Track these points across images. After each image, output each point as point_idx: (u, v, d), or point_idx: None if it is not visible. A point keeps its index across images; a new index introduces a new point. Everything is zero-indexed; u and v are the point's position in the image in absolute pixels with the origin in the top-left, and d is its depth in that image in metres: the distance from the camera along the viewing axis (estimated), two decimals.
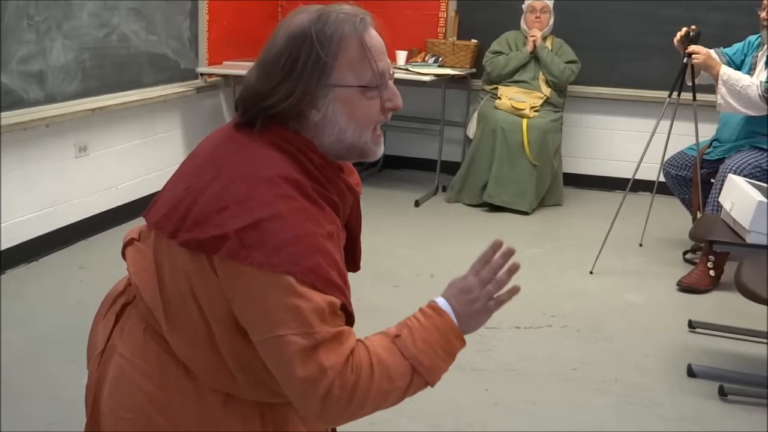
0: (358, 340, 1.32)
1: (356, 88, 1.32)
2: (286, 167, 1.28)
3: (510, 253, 1.36)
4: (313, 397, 1.24)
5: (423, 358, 1.31)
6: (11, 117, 3.47)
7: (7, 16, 3.40)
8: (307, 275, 1.24)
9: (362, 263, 1.64)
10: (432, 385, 1.34)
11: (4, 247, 3.61)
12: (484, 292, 1.37)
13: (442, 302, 1.37)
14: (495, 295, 1.38)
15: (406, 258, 4.01)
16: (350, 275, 1.51)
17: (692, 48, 3.74)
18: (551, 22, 5.16)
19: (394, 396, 1.32)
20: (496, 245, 1.36)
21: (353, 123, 1.34)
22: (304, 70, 1.28)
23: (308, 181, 1.29)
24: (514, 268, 1.36)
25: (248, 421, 1.38)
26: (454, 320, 1.36)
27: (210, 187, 1.28)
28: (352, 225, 1.48)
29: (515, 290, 1.37)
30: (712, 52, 3.89)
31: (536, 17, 5.11)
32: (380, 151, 1.42)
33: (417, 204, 5.05)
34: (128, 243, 1.45)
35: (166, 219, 1.32)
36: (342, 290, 1.31)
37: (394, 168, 5.98)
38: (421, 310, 1.37)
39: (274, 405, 1.39)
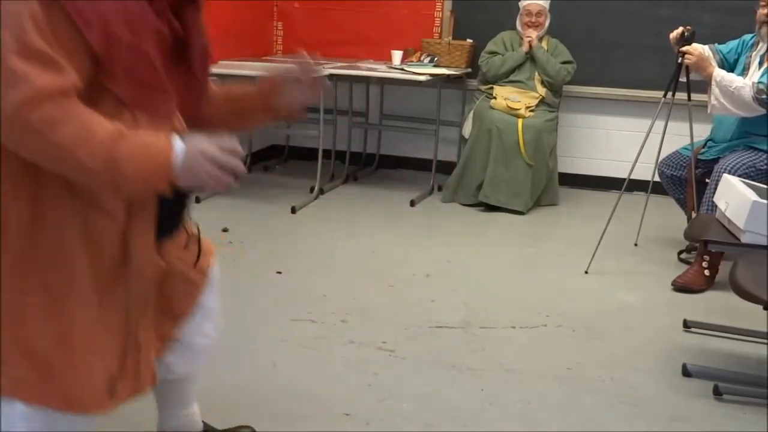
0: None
1: None
2: None
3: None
4: (8, 103, 1.33)
5: (127, 157, 1.39)
6: None
7: None
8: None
9: (357, 263, 1.66)
10: (116, 186, 1.43)
11: None
12: (218, 156, 1.44)
13: (179, 142, 1.44)
14: (220, 171, 1.45)
15: (402, 257, 4.01)
16: (346, 275, 1.51)
17: (685, 48, 3.75)
18: (547, 23, 5.16)
19: (76, 161, 1.38)
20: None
21: None
22: None
23: None
24: (241, 154, 1.47)
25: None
26: (177, 162, 1.43)
27: None
28: (178, 28, 1.57)
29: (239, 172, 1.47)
30: (706, 48, 3.89)
31: (532, 21, 5.11)
32: None
33: (412, 204, 5.05)
34: None
35: None
36: (85, 16, 1.39)
37: (390, 168, 5.98)
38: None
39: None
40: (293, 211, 4.72)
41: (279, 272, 3.71)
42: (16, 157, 1.44)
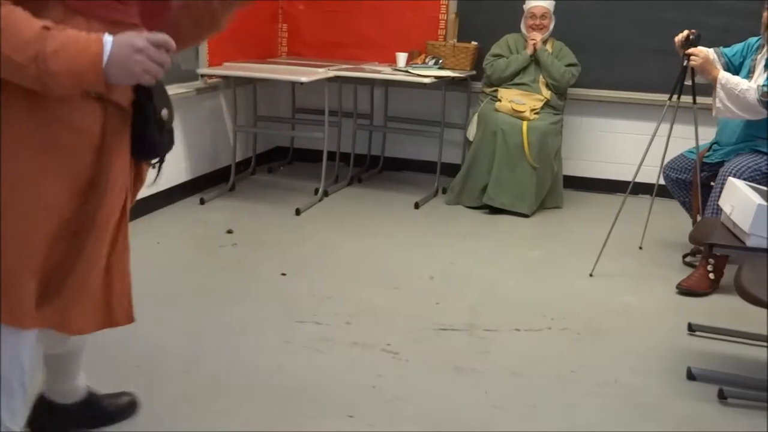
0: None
1: None
2: None
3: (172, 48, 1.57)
4: None
5: (55, 53, 1.42)
6: None
7: None
8: None
9: (361, 265, 1.67)
10: (44, 82, 1.45)
11: None
12: (145, 47, 1.52)
13: (107, 37, 1.49)
14: (150, 62, 1.53)
15: (406, 260, 4.01)
16: (350, 277, 1.53)
17: (691, 50, 3.74)
18: (551, 26, 5.16)
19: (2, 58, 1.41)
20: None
21: None
22: None
23: None
24: (171, 47, 1.57)
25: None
26: (105, 52, 1.48)
27: None
28: None
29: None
30: (711, 51, 3.89)
31: (536, 23, 5.11)
32: None
33: (417, 206, 5.05)
34: None
35: None
36: None
37: (394, 170, 5.98)
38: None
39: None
40: (297, 212, 4.73)
41: (283, 274, 3.71)
42: None
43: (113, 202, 1.71)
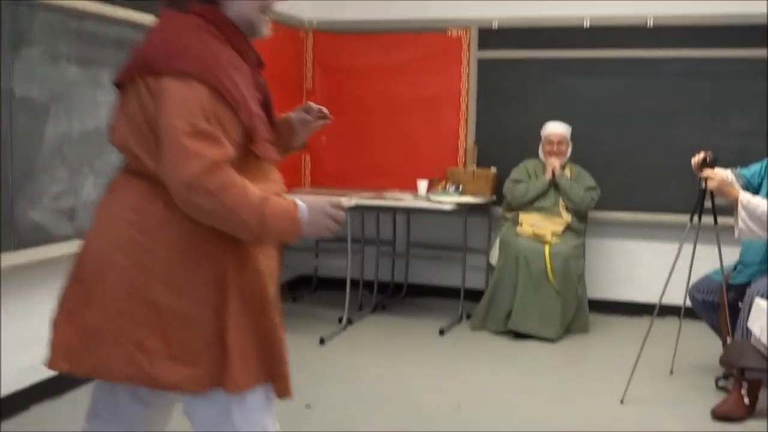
0: None
1: None
2: (196, 20, 1.84)
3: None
4: (186, 174, 1.70)
5: (271, 216, 1.78)
6: (41, 252, 3.53)
7: (42, 155, 3.52)
8: (208, 77, 1.75)
9: (387, 395, 1.66)
10: (261, 238, 1.84)
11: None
12: (331, 211, 1.88)
13: (300, 203, 1.85)
14: (333, 222, 1.88)
15: (433, 388, 3.94)
16: (376, 407, 1.51)
17: (707, 173, 3.78)
18: (569, 151, 5.25)
19: (239, 218, 1.76)
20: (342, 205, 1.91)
21: (247, 4, 1.89)
22: None
23: (213, 28, 1.84)
24: (345, 207, 1.90)
25: (209, 243, 1.82)
26: (303, 219, 1.84)
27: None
28: (263, 91, 1.97)
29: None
30: (728, 172, 3.92)
31: (554, 149, 5.21)
32: (266, 32, 1.96)
33: (442, 332, 5.01)
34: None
35: (119, 75, 1.89)
36: (237, 100, 1.79)
37: (418, 296, 5.97)
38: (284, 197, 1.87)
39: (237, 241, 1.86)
40: (322, 342, 4.70)
41: (308, 405, 3.66)
42: (214, 239, 1.82)
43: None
